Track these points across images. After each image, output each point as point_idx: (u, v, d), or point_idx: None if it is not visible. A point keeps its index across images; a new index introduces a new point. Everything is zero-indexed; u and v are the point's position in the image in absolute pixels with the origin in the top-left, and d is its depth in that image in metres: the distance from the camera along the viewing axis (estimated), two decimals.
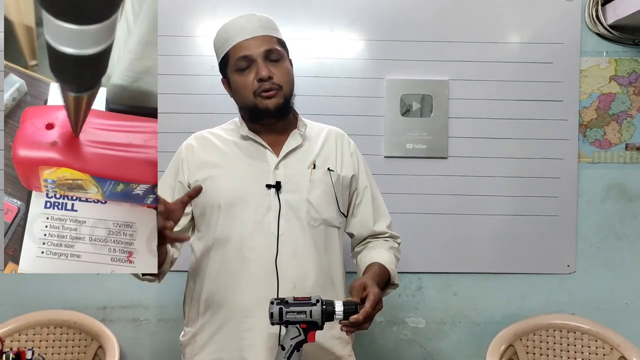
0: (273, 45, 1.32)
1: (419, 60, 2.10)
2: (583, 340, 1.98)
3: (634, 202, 2.13)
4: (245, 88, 1.32)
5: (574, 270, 2.12)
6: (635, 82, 2.12)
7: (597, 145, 2.13)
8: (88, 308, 2.06)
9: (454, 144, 2.10)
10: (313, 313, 1.13)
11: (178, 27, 2.05)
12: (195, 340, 1.36)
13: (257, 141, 1.37)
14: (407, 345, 2.14)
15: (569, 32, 2.10)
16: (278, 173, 1.34)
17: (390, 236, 1.49)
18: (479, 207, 2.10)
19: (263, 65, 1.30)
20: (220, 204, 1.33)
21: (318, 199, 1.35)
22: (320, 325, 1.15)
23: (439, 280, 2.13)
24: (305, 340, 1.15)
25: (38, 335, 1.98)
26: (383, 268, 1.34)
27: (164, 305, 2.08)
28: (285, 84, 1.33)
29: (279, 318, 1.13)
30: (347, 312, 1.14)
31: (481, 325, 2.13)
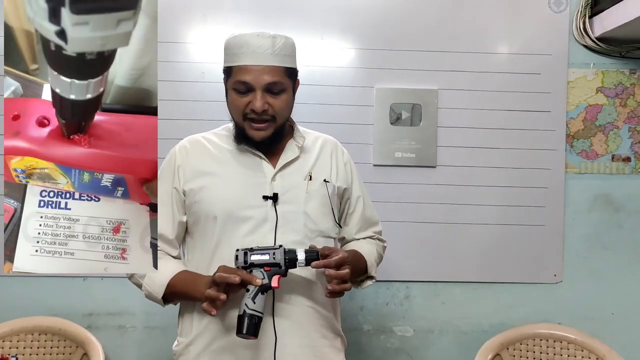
0: (278, 77, 1.29)
1: (409, 69, 2.11)
2: (569, 349, 1.99)
3: (620, 212, 2.15)
4: (237, 108, 1.31)
5: (560, 279, 2.14)
6: (622, 94, 2.15)
7: (583, 155, 2.15)
8: (73, 315, 2.03)
9: (443, 153, 2.11)
10: (276, 255, 1.20)
11: (168, 34, 2.05)
12: (189, 350, 1.35)
13: (253, 152, 1.36)
14: (394, 354, 2.13)
15: (556, 44, 2.12)
16: (275, 184, 1.34)
17: (377, 238, 1.52)
18: (467, 216, 2.11)
19: (261, 97, 1.28)
20: (217, 215, 1.32)
21: (315, 211, 1.35)
22: (284, 269, 1.21)
23: (426, 289, 2.14)
24: (269, 286, 1.20)
25: (22, 342, 1.95)
26: (359, 255, 1.38)
27: (150, 312, 2.06)
28: (280, 115, 1.32)
29: (243, 261, 1.20)
30: (309, 259, 1.22)
31: (468, 334, 2.13)
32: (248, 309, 1.16)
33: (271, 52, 1.28)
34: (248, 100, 1.29)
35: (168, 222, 1.36)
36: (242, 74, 1.28)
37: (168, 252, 1.36)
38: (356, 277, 1.39)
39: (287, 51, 1.32)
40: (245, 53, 1.28)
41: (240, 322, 1.17)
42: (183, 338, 1.37)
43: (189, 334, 1.36)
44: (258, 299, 1.18)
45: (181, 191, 1.37)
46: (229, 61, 1.32)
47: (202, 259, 1.35)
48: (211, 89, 2.02)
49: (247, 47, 1.28)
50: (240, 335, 1.17)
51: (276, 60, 1.29)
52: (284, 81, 1.30)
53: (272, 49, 1.28)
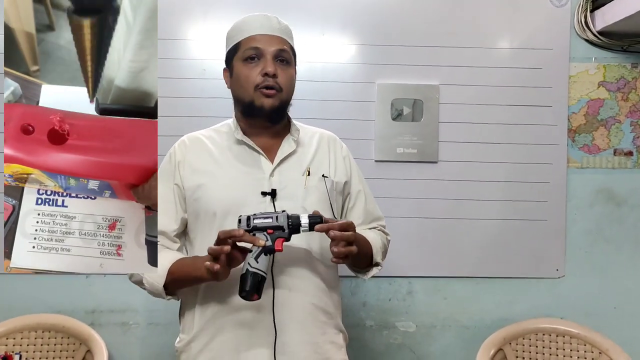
0: (286, 46, 1.35)
1: (410, 65, 2.11)
2: (572, 344, 1.99)
3: (622, 207, 2.15)
4: (248, 79, 1.32)
5: (562, 274, 2.14)
6: (624, 88, 2.14)
7: (585, 150, 2.15)
8: (76, 312, 2.04)
9: (444, 149, 2.11)
10: (279, 218, 1.19)
11: (169, 31, 2.05)
12: (191, 347, 1.35)
13: (251, 146, 1.37)
14: (397, 349, 2.14)
15: (558, 38, 2.12)
16: (273, 180, 1.34)
17: (381, 230, 1.51)
18: (469, 212, 2.11)
19: (271, 61, 1.31)
20: (216, 212, 1.32)
21: (313, 206, 1.34)
22: (287, 233, 1.19)
23: (429, 284, 2.14)
24: (273, 248, 1.17)
25: (26, 340, 1.96)
26: (365, 239, 1.38)
27: (153, 309, 2.07)
28: (286, 88, 1.34)
29: (246, 225, 1.18)
30: (312, 223, 1.19)
31: (471, 329, 2.13)
32: (251, 268, 1.15)
33: (278, 27, 1.37)
34: (259, 69, 1.32)
35: (171, 219, 1.36)
36: (252, 42, 1.34)
37: (169, 247, 1.37)
38: (362, 261, 1.38)
39: (289, 32, 1.40)
40: (254, 27, 1.36)
41: (243, 281, 1.15)
42: (185, 335, 1.38)
43: (190, 330, 1.36)
44: (261, 259, 1.16)
45: (182, 187, 1.37)
46: (236, 38, 1.37)
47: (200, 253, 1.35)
48: (212, 86, 2.02)
49: (254, 22, 1.37)
50: (243, 294, 1.15)
51: (283, 34, 1.37)
52: (290, 53, 1.37)
53: (279, 25, 1.38)
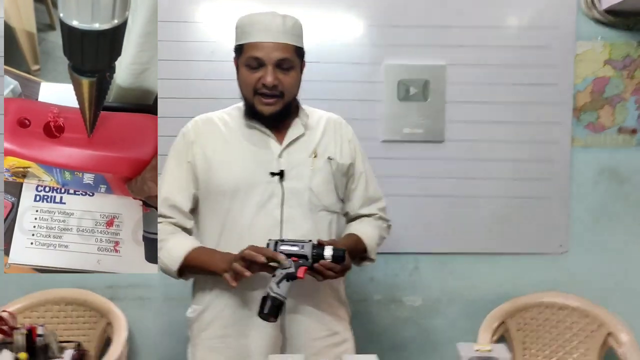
0: (288, 54, 1.34)
1: (417, 45, 2.12)
2: (572, 317, 2.05)
3: (626, 184, 2.18)
4: (248, 85, 1.36)
5: (566, 250, 2.18)
6: (630, 66, 2.15)
7: (590, 128, 2.17)
8: (96, 288, 2.11)
9: (451, 128, 2.14)
10: (305, 248, 1.27)
11: (177, 13, 2.06)
12: (203, 317, 1.43)
13: (261, 129, 1.42)
14: (403, 323, 2.21)
15: (564, 17, 2.12)
16: (282, 161, 1.40)
17: (380, 217, 1.56)
18: (474, 190, 2.15)
19: (272, 71, 1.33)
20: (226, 191, 1.38)
21: (319, 187, 1.41)
22: (311, 262, 1.26)
23: (435, 260, 2.19)
24: (295, 275, 1.25)
25: (49, 312, 2.05)
26: (359, 241, 1.45)
27: (169, 284, 2.11)
28: (289, 92, 1.37)
29: (274, 248, 1.26)
30: (336, 256, 1.27)
31: (475, 303, 2.19)
32: (272, 292, 1.23)
33: (282, 30, 1.34)
34: (259, 76, 1.34)
35: (184, 195, 1.42)
36: (253, 50, 1.33)
37: (182, 224, 1.42)
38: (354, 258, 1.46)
39: (296, 31, 1.37)
40: (257, 30, 1.33)
41: (263, 303, 1.24)
42: (197, 305, 1.45)
43: (202, 301, 1.43)
44: (282, 284, 1.24)
45: (194, 165, 1.42)
46: (241, 39, 1.37)
47: (211, 233, 1.42)
48: (221, 68, 2.03)
49: (258, 25, 1.34)
50: (262, 315, 1.24)
51: (286, 38, 1.34)
52: (293, 59, 1.36)
53: (283, 27, 1.34)
